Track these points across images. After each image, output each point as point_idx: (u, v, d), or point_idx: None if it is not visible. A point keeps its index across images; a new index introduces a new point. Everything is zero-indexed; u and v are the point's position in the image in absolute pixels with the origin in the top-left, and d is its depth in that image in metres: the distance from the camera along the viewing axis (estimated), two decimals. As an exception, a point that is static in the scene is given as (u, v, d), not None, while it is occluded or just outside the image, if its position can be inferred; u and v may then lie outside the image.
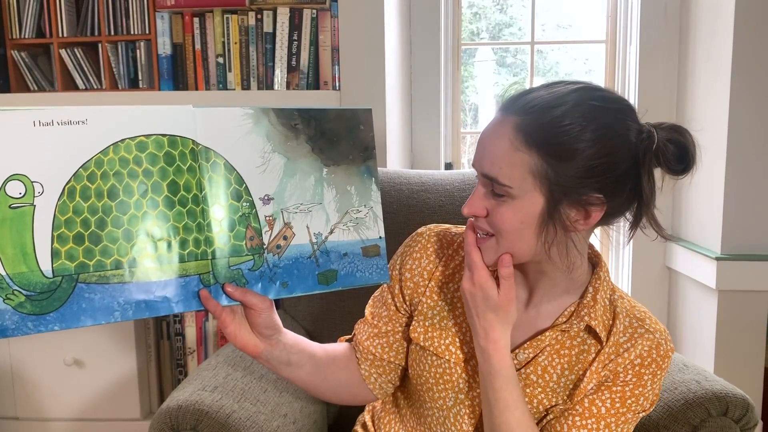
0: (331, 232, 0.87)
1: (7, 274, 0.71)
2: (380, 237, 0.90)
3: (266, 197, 0.83)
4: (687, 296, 2.16)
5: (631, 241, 2.34)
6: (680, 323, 2.21)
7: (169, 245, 0.78)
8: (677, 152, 0.84)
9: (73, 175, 0.73)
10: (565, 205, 0.83)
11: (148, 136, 0.76)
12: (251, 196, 0.82)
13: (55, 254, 0.73)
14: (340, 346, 1.06)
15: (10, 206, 0.71)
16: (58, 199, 0.73)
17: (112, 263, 0.75)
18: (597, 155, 0.81)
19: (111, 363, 2.00)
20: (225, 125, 0.80)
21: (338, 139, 0.87)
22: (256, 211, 0.83)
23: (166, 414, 1.04)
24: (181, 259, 0.79)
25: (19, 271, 0.71)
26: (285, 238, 0.85)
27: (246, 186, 0.82)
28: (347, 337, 1.09)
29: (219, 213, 0.80)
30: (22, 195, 0.71)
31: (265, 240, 0.84)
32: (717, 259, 1.88)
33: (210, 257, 0.81)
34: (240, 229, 0.82)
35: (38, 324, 0.73)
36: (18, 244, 0.71)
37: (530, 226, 0.84)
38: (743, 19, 1.81)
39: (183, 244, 0.79)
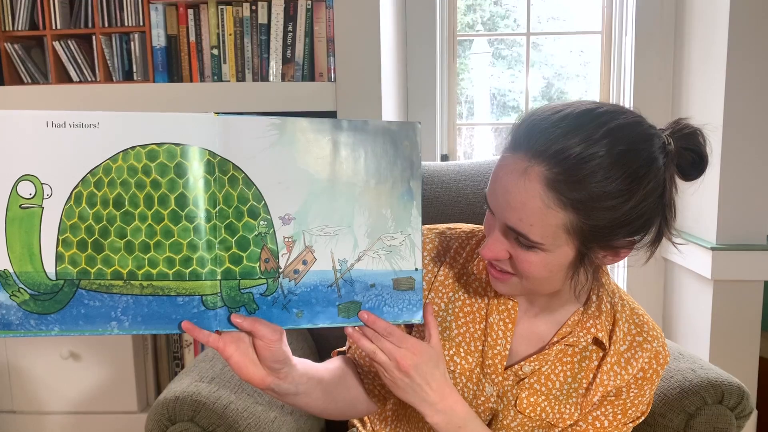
0: (359, 259, 0.79)
1: (14, 271, 0.72)
2: (416, 269, 0.80)
3: (287, 216, 0.76)
4: (683, 286, 2.17)
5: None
6: (676, 313, 2.22)
7: (171, 262, 0.74)
8: (693, 159, 0.81)
9: (81, 180, 0.72)
10: (595, 251, 0.81)
11: (160, 144, 0.72)
12: (270, 215, 0.76)
13: (59, 258, 0.73)
14: (339, 363, 0.99)
15: (20, 206, 0.71)
16: (65, 204, 0.72)
17: (112, 273, 0.74)
18: (634, 206, 0.76)
19: (107, 356, 1.99)
20: (247, 136, 0.74)
21: (377, 155, 0.77)
22: (274, 231, 0.76)
23: (163, 405, 1.04)
24: (181, 277, 0.74)
25: (26, 270, 0.72)
26: (305, 262, 0.77)
27: (265, 203, 0.75)
28: (341, 349, 1.05)
29: (232, 231, 0.75)
30: (32, 196, 0.71)
31: (282, 263, 0.77)
32: (712, 249, 1.88)
33: (219, 278, 0.75)
34: (254, 249, 0.76)
35: (40, 323, 0.73)
36: (26, 243, 0.72)
37: (559, 273, 0.82)
38: (738, 10, 1.81)
39: (185, 261, 0.74)
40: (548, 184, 0.75)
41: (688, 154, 0.81)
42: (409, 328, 0.98)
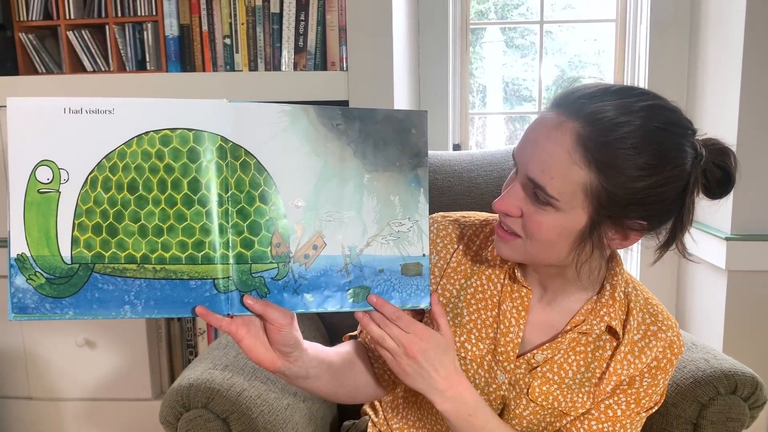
0: (368, 244, 0.80)
1: (32, 255, 0.74)
2: (424, 255, 0.81)
3: (297, 202, 0.78)
4: (697, 276, 2.16)
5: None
6: (690, 303, 2.21)
7: (183, 245, 0.75)
8: (721, 177, 0.81)
9: (97, 165, 0.74)
10: (606, 226, 0.81)
11: (173, 129, 0.74)
12: (281, 200, 0.77)
13: (74, 242, 0.75)
14: (350, 347, 1.01)
15: (38, 191, 0.74)
16: (81, 188, 0.74)
17: (126, 257, 0.75)
18: (654, 185, 0.77)
19: (122, 344, 2.01)
20: (259, 122, 0.75)
21: (385, 143, 0.79)
22: (285, 216, 0.77)
23: (177, 392, 1.05)
24: (194, 261, 0.76)
25: (42, 254, 0.74)
26: (315, 247, 0.79)
27: (276, 188, 0.77)
28: (353, 333, 1.06)
29: (244, 215, 0.76)
30: (50, 181, 0.74)
31: (293, 248, 0.78)
32: (727, 239, 1.87)
33: (231, 262, 0.76)
34: (266, 234, 0.77)
35: (55, 306, 0.75)
36: (43, 228, 0.74)
37: (566, 240, 0.82)
38: (756, -4, 1.79)
39: (198, 245, 0.75)
40: (578, 140, 0.77)
41: (716, 171, 0.81)
42: (420, 317, 0.98)
